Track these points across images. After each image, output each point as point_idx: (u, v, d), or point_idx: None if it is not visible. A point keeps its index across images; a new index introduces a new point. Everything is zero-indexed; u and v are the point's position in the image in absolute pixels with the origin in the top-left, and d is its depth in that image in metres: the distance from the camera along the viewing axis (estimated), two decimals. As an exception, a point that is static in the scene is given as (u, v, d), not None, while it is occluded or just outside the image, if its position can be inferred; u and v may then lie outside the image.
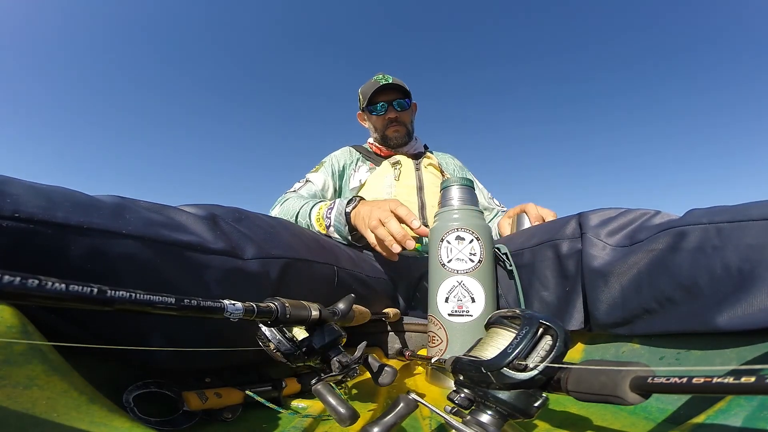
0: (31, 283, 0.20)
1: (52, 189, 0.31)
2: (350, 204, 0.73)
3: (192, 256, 0.37)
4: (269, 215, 0.57)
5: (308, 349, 0.37)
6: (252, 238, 0.45)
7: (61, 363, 0.23)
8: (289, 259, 0.48)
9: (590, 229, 0.48)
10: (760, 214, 0.34)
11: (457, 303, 0.51)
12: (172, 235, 0.36)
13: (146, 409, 0.31)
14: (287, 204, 0.86)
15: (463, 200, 0.57)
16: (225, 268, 0.40)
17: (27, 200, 0.28)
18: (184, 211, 0.41)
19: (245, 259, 0.42)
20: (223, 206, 0.48)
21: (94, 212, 0.32)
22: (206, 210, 0.43)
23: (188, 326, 0.37)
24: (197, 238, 0.39)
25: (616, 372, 0.21)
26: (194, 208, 0.43)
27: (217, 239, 0.40)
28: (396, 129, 1.02)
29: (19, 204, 0.27)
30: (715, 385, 0.18)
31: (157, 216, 0.37)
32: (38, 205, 0.28)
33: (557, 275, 0.50)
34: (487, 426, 0.24)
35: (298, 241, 0.53)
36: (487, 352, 0.27)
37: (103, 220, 0.32)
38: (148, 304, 0.25)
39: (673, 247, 0.39)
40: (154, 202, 0.40)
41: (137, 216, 0.35)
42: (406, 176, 0.95)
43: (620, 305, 0.43)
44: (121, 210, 0.34)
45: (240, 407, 0.38)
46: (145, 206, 0.38)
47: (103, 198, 0.35)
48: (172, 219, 0.38)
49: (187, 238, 0.38)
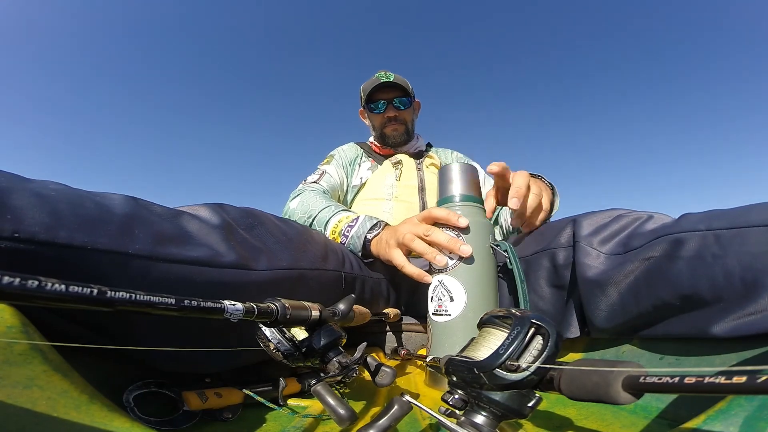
0: (30, 284, 0.20)
1: (59, 196, 0.29)
2: (373, 230, 0.67)
3: (203, 271, 0.36)
4: (281, 218, 0.55)
5: (308, 349, 0.37)
6: (263, 249, 0.44)
7: (61, 363, 0.23)
8: (300, 270, 0.47)
9: (582, 237, 0.47)
10: (760, 220, 0.33)
11: (438, 302, 0.51)
12: (182, 253, 0.35)
13: (146, 409, 0.32)
14: (306, 199, 0.82)
15: (445, 193, 0.55)
16: (236, 282, 0.39)
17: (29, 216, 0.26)
18: (198, 217, 0.40)
19: (257, 270, 0.42)
20: (237, 208, 0.47)
21: (101, 229, 0.30)
22: (220, 216, 0.42)
23: (189, 331, 0.37)
24: (209, 251, 0.37)
25: (608, 372, 0.21)
26: (208, 212, 0.41)
27: (230, 250, 0.39)
28: (395, 128, 1.02)
29: (20, 222, 0.26)
30: (707, 384, 0.18)
31: (168, 227, 0.35)
32: (41, 222, 0.27)
33: (553, 285, 0.50)
34: (482, 427, 0.24)
35: (308, 249, 0.52)
36: (479, 353, 0.27)
37: (110, 239, 0.30)
38: (148, 304, 0.26)
39: (670, 255, 0.38)
40: (168, 208, 0.39)
41: (147, 231, 0.33)
42: (408, 176, 0.95)
43: (619, 313, 0.42)
44: (130, 223, 0.32)
45: (240, 407, 0.39)
46: (158, 213, 0.36)
47: (114, 205, 0.33)
48: (184, 230, 0.37)
49: (198, 253, 0.36)
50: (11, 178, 0.28)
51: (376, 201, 0.92)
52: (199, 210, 0.42)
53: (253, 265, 0.41)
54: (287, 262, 0.46)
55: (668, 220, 0.43)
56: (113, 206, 0.32)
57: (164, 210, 0.37)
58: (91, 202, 0.31)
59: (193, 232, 0.38)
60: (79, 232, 0.28)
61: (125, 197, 0.35)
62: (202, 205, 0.43)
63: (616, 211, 0.50)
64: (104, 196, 0.33)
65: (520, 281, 0.50)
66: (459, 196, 0.55)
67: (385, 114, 1.01)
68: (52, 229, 0.27)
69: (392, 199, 0.91)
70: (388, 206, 0.90)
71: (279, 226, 0.51)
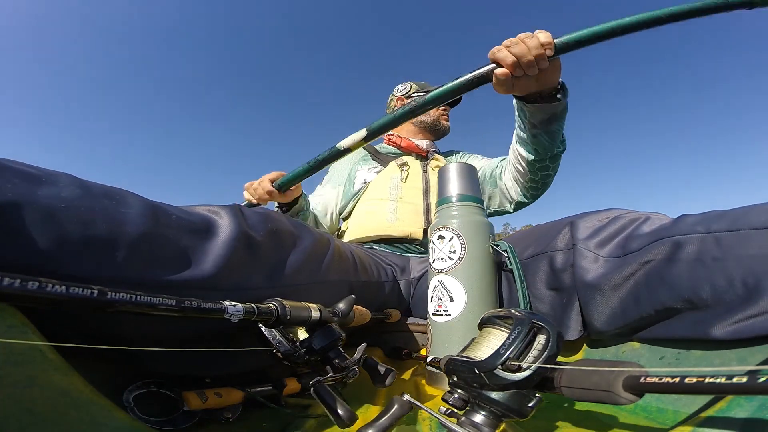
0: (31, 285, 0.21)
1: (70, 212, 0.27)
2: None
3: (202, 294, 0.33)
4: (294, 223, 0.51)
5: (308, 350, 0.37)
6: (268, 269, 0.42)
7: (61, 363, 0.23)
8: (304, 285, 0.46)
9: (580, 240, 0.47)
10: (760, 222, 0.33)
11: (437, 302, 0.51)
12: (185, 276, 0.33)
13: (146, 408, 0.32)
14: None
15: (444, 193, 0.56)
16: (236, 298, 0.37)
17: (32, 244, 0.25)
18: (213, 226, 0.37)
19: (261, 288, 0.40)
20: (256, 213, 0.44)
21: (109, 256, 0.28)
22: (238, 227, 0.38)
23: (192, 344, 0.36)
24: (213, 270, 0.35)
25: (608, 372, 0.21)
26: (228, 222, 0.38)
27: (232, 272, 0.37)
28: (446, 118, 1.11)
29: (22, 249, 0.24)
30: (707, 385, 0.18)
31: (179, 246, 0.33)
32: (45, 251, 0.25)
33: (551, 288, 0.50)
34: (482, 426, 0.24)
35: (313, 262, 0.50)
36: (480, 353, 0.27)
37: (115, 270, 0.28)
38: (148, 305, 0.26)
39: (669, 258, 0.37)
40: (187, 215, 0.36)
41: (157, 253, 0.31)
42: (413, 178, 0.95)
43: (619, 316, 0.42)
44: (141, 247, 0.30)
45: (240, 407, 0.39)
46: (174, 226, 0.33)
47: (128, 221, 0.30)
48: (195, 248, 0.35)
49: (202, 274, 0.34)
50: (21, 186, 0.26)
51: (381, 201, 0.92)
52: (220, 218, 0.39)
53: (257, 285, 0.40)
54: (289, 280, 0.44)
55: (666, 221, 0.43)
56: (127, 222, 0.30)
57: (181, 222, 0.35)
58: (103, 219, 0.29)
59: (205, 250, 0.35)
60: (84, 263, 0.27)
61: (143, 207, 0.32)
62: (222, 208, 0.40)
63: (613, 211, 0.50)
64: (119, 203, 0.31)
65: (520, 281, 0.50)
66: (457, 196, 0.55)
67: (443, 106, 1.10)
68: (56, 259, 0.26)
69: (396, 200, 0.91)
70: (392, 206, 0.90)
71: (293, 233, 0.48)
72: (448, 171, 0.56)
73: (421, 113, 0.66)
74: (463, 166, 0.56)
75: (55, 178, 0.28)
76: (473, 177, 0.57)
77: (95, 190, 0.30)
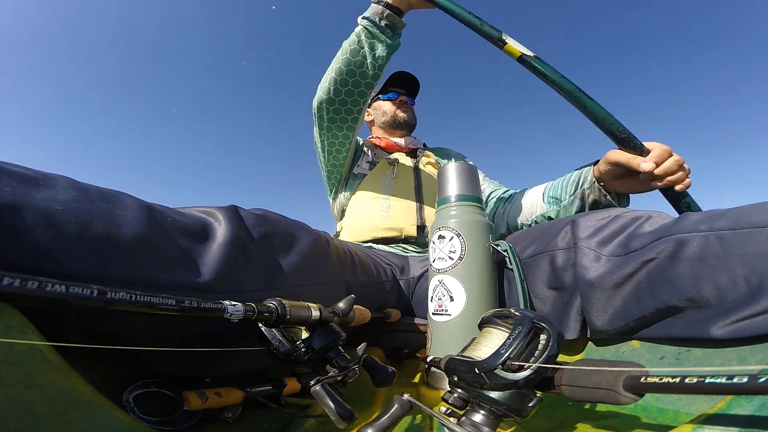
0: (31, 285, 0.20)
1: (67, 213, 0.27)
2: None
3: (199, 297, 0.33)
4: (292, 224, 0.51)
5: (308, 349, 0.37)
6: (266, 271, 0.42)
7: (61, 363, 0.23)
8: (303, 286, 0.46)
9: (581, 239, 0.47)
10: (764, 221, 0.33)
11: (438, 302, 0.51)
12: (180, 279, 0.33)
13: (146, 408, 0.32)
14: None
15: (444, 193, 0.56)
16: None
17: (30, 243, 0.24)
18: (210, 228, 0.37)
19: (256, 291, 0.40)
20: (253, 214, 0.43)
21: (106, 257, 0.28)
22: (235, 229, 0.38)
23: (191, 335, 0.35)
24: (210, 275, 0.35)
25: (609, 372, 0.21)
26: (225, 224, 0.38)
27: (228, 276, 0.36)
28: (405, 110, 1.10)
29: (20, 250, 0.24)
30: (708, 385, 0.18)
31: (176, 249, 0.33)
32: (44, 251, 0.25)
33: (552, 287, 0.49)
34: (482, 426, 0.24)
35: (312, 263, 0.49)
36: (480, 352, 0.27)
37: (113, 268, 0.28)
38: (148, 305, 0.25)
39: (672, 257, 0.37)
40: (183, 216, 0.36)
41: (153, 255, 0.31)
42: (404, 175, 0.96)
43: (621, 315, 0.42)
44: (137, 250, 0.30)
45: (240, 407, 0.39)
46: (169, 228, 0.33)
47: (125, 222, 0.30)
48: (190, 252, 0.34)
49: (197, 279, 0.34)
50: (18, 189, 0.26)
51: (373, 199, 0.93)
52: (217, 222, 0.39)
53: (257, 288, 0.40)
54: (289, 281, 0.44)
55: (668, 219, 0.43)
56: (123, 224, 0.30)
57: (177, 224, 0.35)
58: (100, 221, 0.28)
59: (200, 253, 0.35)
60: (81, 264, 0.27)
61: (140, 209, 0.32)
62: (218, 210, 0.40)
63: (615, 210, 0.49)
64: (116, 205, 0.30)
65: (520, 281, 0.50)
66: (457, 196, 0.55)
67: (398, 99, 1.09)
68: (54, 259, 0.26)
69: (389, 197, 0.91)
70: (384, 204, 0.91)
71: (291, 234, 0.48)
72: (447, 171, 0.56)
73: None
74: (463, 165, 0.56)
75: (52, 181, 0.28)
76: (473, 176, 0.56)
77: (92, 193, 0.30)
